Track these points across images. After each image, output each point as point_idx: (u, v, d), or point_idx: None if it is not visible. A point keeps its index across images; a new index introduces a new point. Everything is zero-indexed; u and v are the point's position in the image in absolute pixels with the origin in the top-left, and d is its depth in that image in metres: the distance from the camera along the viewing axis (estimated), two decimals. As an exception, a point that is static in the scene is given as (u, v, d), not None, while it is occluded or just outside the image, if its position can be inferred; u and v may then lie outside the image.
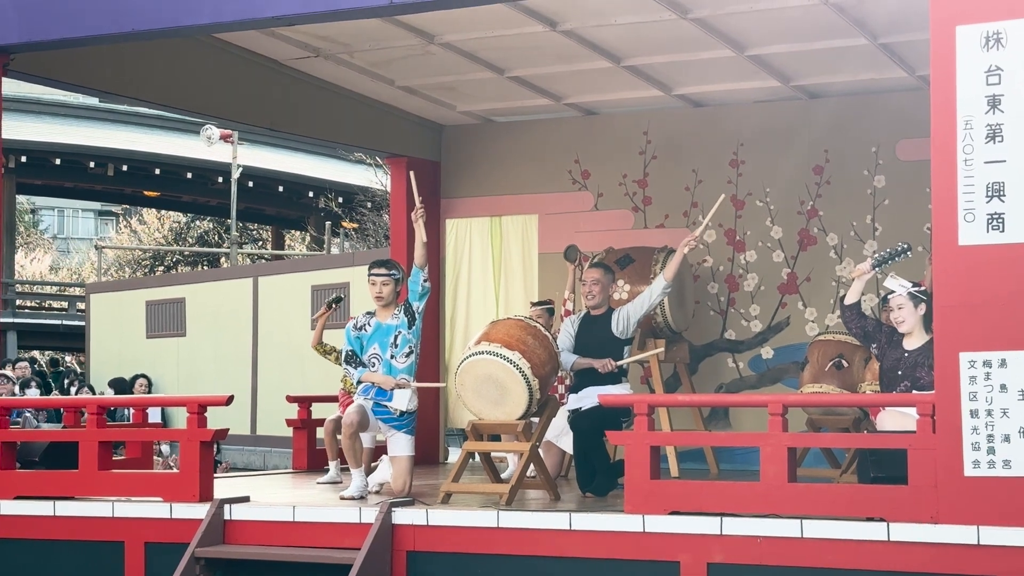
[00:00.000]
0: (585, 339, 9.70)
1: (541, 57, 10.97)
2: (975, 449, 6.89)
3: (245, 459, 22.22)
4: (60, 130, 33.81)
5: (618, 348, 9.62)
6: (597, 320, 9.72)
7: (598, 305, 9.73)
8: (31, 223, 57.39)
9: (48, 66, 9.61)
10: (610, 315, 9.67)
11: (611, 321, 9.63)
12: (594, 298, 9.71)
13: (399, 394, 9.02)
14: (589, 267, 10.02)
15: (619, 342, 9.63)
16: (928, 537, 6.99)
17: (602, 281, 9.75)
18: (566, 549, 7.75)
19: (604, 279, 9.78)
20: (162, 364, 24.61)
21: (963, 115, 6.96)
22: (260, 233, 47.32)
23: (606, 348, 9.60)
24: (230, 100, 11.19)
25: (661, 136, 12.28)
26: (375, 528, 7.94)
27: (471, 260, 12.93)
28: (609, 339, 9.62)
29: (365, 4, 8.28)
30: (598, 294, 9.71)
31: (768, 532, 7.33)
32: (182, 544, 8.27)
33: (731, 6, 9.69)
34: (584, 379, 9.63)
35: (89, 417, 9.06)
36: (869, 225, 11.52)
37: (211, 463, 8.80)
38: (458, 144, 13.06)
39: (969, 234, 6.94)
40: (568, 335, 9.76)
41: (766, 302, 11.89)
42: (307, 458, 11.66)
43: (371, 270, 9.20)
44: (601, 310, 9.74)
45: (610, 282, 9.92)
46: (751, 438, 8.41)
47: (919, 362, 7.96)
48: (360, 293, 19.21)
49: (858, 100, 11.55)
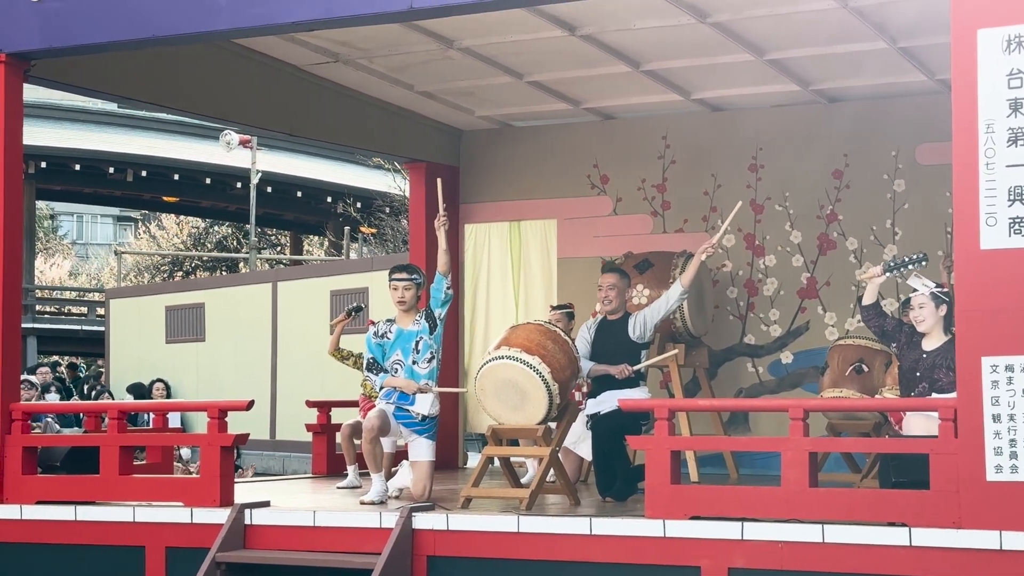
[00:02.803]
0: (602, 344, 9.69)
1: (560, 62, 10.97)
2: (997, 454, 6.86)
3: (265, 464, 22.23)
4: (79, 136, 33.91)
5: (636, 352, 9.61)
6: (614, 325, 9.71)
7: (615, 310, 9.72)
8: (51, 229, 57.60)
9: (68, 72, 9.64)
10: (627, 319, 9.67)
11: (628, 325, 9.62)
12: (611, 303, 9.70)
13: (421, 398, 9.02)
14: (604, 272, 10.00)
15: (637, 346, 9.62)
16: (950, 542, 6.96)
17: (618, 286, 9.74)
18: (586, 554, 7.73)
19: (620, 284, 9.77)
20: (182, 369, 24.65)
21: (985, 119, 6.94)
22: (279, 238, 47.40)
23: (624, 352, 9.59)
24: (249, 105, 11.21)
25: (680, 141, 12.26)
26: (395, 533, 7.94)
27: (490, 265, 12.94)
28: (627, 343, 9.61)
29: (384, 9, 8.29)
30: (614, 299, 9.70)
31: (789, 537, 7.31)
32: (203, 549, 8.28)
33: (750, 10, 9.68)
34: (602, 384, 9.62)
35: (110, 422, 9.08)
36: (889, 229, 11.49)
37: (231, 468, 8.81)
38: (477, 149, 13.06)
39: (991, 238, 6.92)
40: (584, 341, 9.74)
41: (786, 306, 11.87)
42: (327, 463, 11.67)
43: (392, 275, 9.19)
44: (618, 315, 9.73)
45: (626, 287, 9.89)
46: (771, 443, 8.41)
47: (937, 363, 7.96)
48: (379, 298, 19.26)
49: (878, 104, 11.52)
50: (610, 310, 9.73)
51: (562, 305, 11.06)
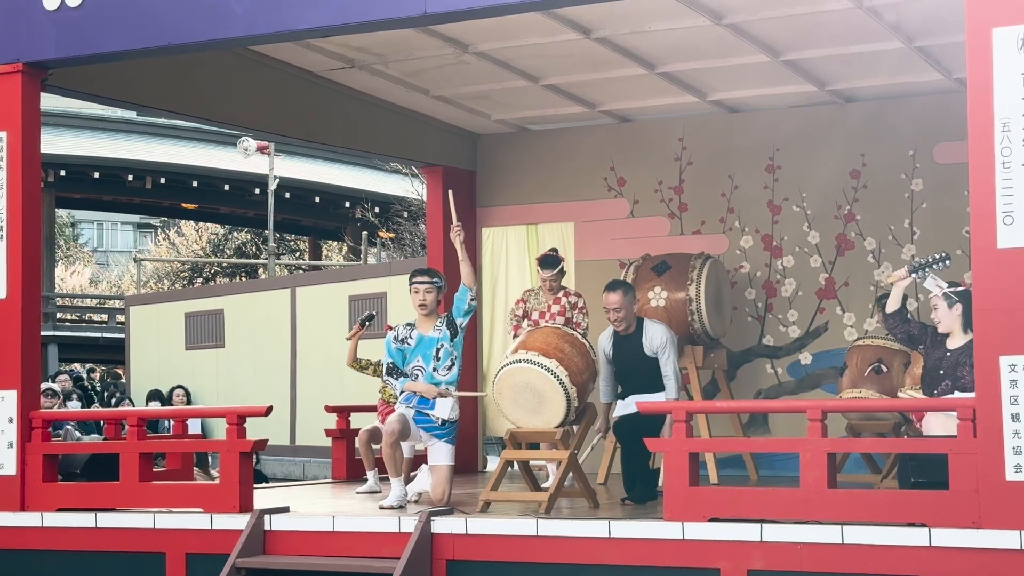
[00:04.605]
0: (621, 357, 9.70)
1: (575, 65, 10.97)
2: (1016, 454, 6.84)
3: (284, 469, 22.29)
4: (98, 144, 34.06)
5: (654, 363, 9.59)
6: (629, 339, 9.67)
7: (627, 327, 9.67)
8: (71, 237, 57.84)
9: (86, 80, 9.67)
10: (640, 332, 9.61)
11: (643, 340, 9.59)
12: (621, 323, 9.63)
13: (441, 403, 9.02)
14: (606, 291, 9.69)
15: (653, 359, 9.59)
16: (970, 542, 6.94)
17: (623, 303, 9.61)
18: (605, 557, 7.73)
19: (624, 301, 9.61)
20: (201, 375, 24.73)
21: (1000, 117, 6.92)
22: (297, 244, 47.53)
23: (645, 364, 9.58)
24: (266, 112, 11.24)
25: (696, 142, 12.25)
26: (414, 537, 7.94)
27: (508, 268, 12.94)
28: (643, 356, 9.61)
29: (399, 14, 8.28)
30: (623, 319, 9.61)
31: (808, 538, 7.29)
32: (223, 555, 8.29)
33: (765, 11, 9.66)
34: (629, 387, 9.64)
35: (130, 429, 9.11)
36: (907, 229, 11.47)
37: (251, 473, 8.83)
38: (493, 153, 13.07)
39: (1008, 237, 6.90)
40: (605, 354, 9.72)
41: (804, 307, 11.85)
42: (346, 468, 11.68)
43: (413, 278, 9.19)
44: (631, 328, 9.68)
45: (631, 301, 9.68)
46: (790, 444, 8.37)
47: (960, 361, 7.96)
48: (397, 303, 19.29)
49: (894, 103, 11.49)
50: (622, 329, 9.67)
51: (549, 259, 10.40)
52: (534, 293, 10.49)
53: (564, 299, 10.26)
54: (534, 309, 10.34)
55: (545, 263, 10.29)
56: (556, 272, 10.25)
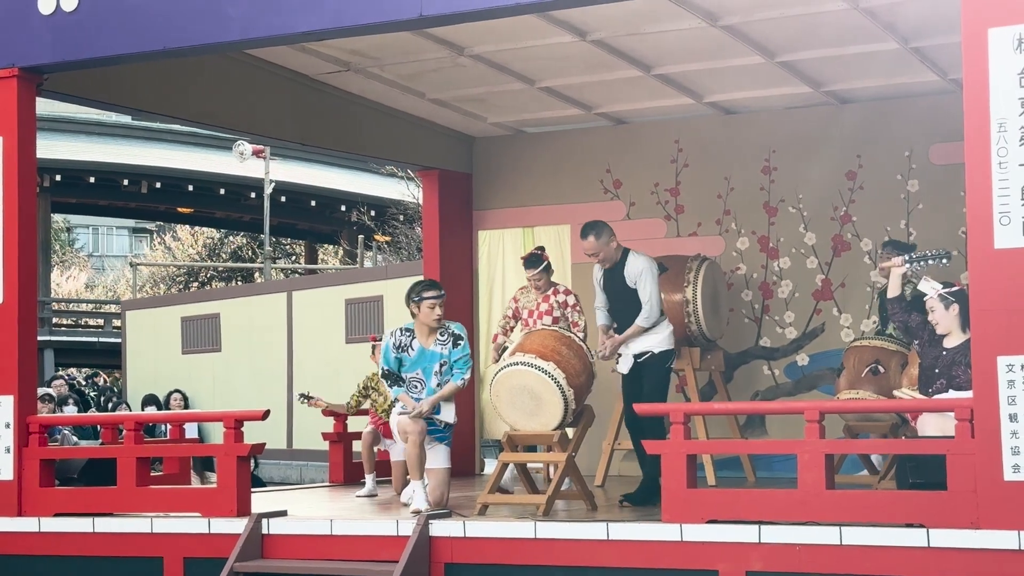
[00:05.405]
0: (608, 287, 9.79)
1: (571, 67, 10.97)
2: (1014, 454, 6.84)
3: (282, 473, 22.28)
4: (94, 148, 34.05)
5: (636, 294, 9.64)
6: (613, 272, 9.74)
7: (611, 264, 9.72)
8: (66, 241, 57.80)
9: (81, 85, 9.67)
10: (623, 264, 9.66)
11: (625, 273, 9.64)
12: (604, 262, 9.72)
13: (446, 407, 8.98)
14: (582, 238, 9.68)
15: (635, 290, 9.66)
16: (968, 543, 6.94)
17: (596, 246, 9.62)
18: (603, 559, 7.73)
19: (598, 244, 9.61)
20: (198, 380, 24.70)
21: (997, 118, 6.93)
22: (293, 248, 47.52)
23: (625, 295, 9.65)
24: (262, 116, 11.24)
25: (692, 144, 12.26)
26: (412, 540, 7.94)
27: (504, 271, 12.94)
28: (625, 287, 9.67)
29: (395, 17, 8.28)
30: (604, 259, 9.69)
31: (807, 540, 7.29)
32: (221, 559, 8.29)
33: (761, 12, 9.67)
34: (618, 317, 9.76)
35: (127, 433, 9.11)
36: (903, 230, 11.47)
37: (248, 477, 8.82)
38: (489, 156, 13.07)
39: (1004, 237, 6.90)
40: (599, 285, 9.84)
41: (801, 309, 11.85)
42: (344, 472, 11.68)
43: (424, 294, 8.94)
44: (615, 263, 9.72)
45: (608, 239, 9.60)
46: (788, 445, 8.39)
47: (956, 360, 7.97)
48: (393, 307, 19.26)
49: (890, 104, 11.50)
50: (607, 266, 9.74)
51: (532, 257, 10.48)
52: (526, 291, 10.53)
53: (553, 298, 10.30)
54: (525, 307, 10.43)
55: (528, 262, 10.40)
56: (539, 271, 10.33)
